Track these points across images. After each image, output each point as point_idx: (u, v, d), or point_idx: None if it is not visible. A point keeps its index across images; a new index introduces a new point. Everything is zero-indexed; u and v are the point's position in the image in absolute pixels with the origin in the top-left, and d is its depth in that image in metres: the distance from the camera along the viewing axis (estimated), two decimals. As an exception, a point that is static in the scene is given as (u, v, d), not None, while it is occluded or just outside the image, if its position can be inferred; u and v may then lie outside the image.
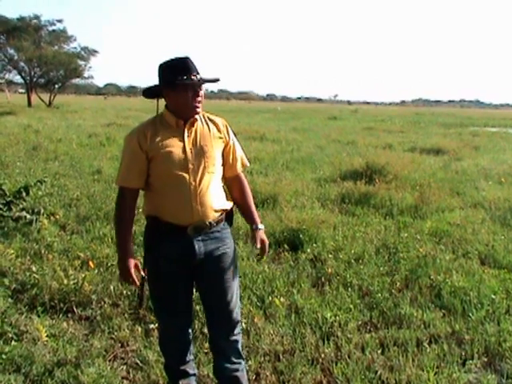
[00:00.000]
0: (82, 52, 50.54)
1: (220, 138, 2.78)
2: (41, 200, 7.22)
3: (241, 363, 2.88)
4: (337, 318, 3.99)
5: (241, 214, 3.04)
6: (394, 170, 9.94)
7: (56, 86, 50.77)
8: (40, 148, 13.53)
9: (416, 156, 14.02)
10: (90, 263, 4.85)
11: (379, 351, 3.59)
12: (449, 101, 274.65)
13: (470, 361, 3.51)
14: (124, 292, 4.37)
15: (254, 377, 3.31)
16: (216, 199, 2.71)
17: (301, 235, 5.81)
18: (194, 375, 3.02)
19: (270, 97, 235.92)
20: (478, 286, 4.60)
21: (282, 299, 4.30)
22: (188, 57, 2.63)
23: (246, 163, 2.97)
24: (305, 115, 45.07)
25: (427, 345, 3.67)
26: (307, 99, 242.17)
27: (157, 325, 3.43)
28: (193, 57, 2.64)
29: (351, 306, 4.24)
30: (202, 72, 2.65)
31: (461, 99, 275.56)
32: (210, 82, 2.72)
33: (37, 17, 48.10)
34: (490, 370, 3.45)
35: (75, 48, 50.70)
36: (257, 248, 2.88)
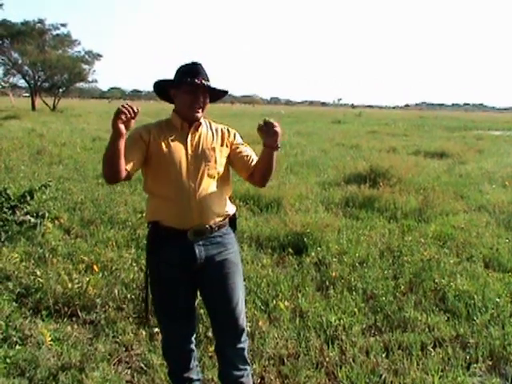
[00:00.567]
0: (86, 56, 50.75)
1: (225, 145, 2.78)
2: (45, 204, 7.23)
3: (246, 369, 2.86)
4: (341, 322, 3.99)
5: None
6: (398, 174, 9.94)
7: (60, 90, 50.94)
8: (44, 152, 13.55)
9: (420, 159, 14.03)
10: (95, 267, 4.85)
11: (384, 355, 3.59)
12: (453, 104, 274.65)
13: (475, 364, 3.50)
14: (128, 296, 4.37)
15: (259, 380, 3.32)
16: (217, 203, 2.70)
17: (305, 239, 5.81)
18: (199, 380, 3.01)
19: (274, 100, 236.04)
20: (483, 290, 4.59)
21: (287, 303, 4.29)
22: (200, 63, 2.69)
23: None
24: (309, 119, 45.06)
25: (432, 348, 3.66)
26: (311, 103, 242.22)
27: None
28: (198, 61, 2.71)
29: (355, 310, 4.23)
30: (212, 79, 2.71)
31: (465, 103, 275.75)
32: (215, 92, 2.74)
33: (41, 21, 48.35)
34: (495, 374, 3.45)
35: (79, 52, 50.99)
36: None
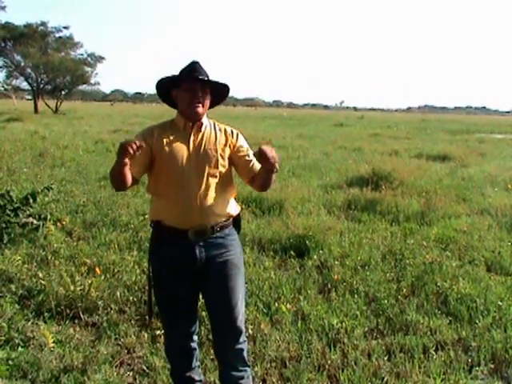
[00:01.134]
0: (89, 58, 50.94)
1: (228, 146, 2.79)
2: (47, 206, 7.23)
3: (246, 371, 2.87)
4: (343, 325, 3.98)
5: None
6: (401, 177, 9.93)
7: (62, 93, 51.15)
8: (46, 154, 13.58)
9: (422, 162, 14.00)
10: (97, 269, 4.85)
11: (385, 358, 3.58)
12: (455, 107, 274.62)
13: (477, 368, 3.50)
14: (130, 298, 4.38)
15: (261, 383, 3.32)
16: (219, 203, 2.71)
17: (307, 242, 5.81)
18: (200, 381, 3.01)
19: (277, 103, 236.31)
20: (485, 293, 4.58)
21: (289, 306, 4.29)
22: (198, 61, 2.72)
23: None
24: (311, 122, 45.10)
25: (434, 351, 3.65)
26: (313, 106, 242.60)
27: (163, 331, 3.44)
28: (200, 63, 2.73)
29: (357, 313, 4.23)
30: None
31: (467, 106, 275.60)
32: (215, 87, 2.75)
33: (43, 23, 48.58)
34: (497, 377, 3.44)
35: (82, 54, 51.14)
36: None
